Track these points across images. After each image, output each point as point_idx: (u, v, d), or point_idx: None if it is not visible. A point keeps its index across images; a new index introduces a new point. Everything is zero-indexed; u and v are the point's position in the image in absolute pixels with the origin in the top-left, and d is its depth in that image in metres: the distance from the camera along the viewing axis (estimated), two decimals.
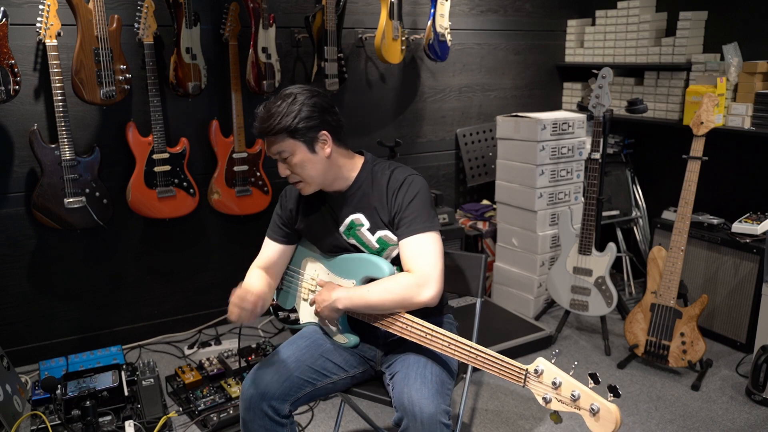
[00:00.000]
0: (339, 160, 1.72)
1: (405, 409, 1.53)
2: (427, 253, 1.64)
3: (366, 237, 1.74)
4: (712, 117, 2.57)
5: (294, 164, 1.67)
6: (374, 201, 1.72)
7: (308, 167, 1.67)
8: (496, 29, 3.76)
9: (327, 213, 1.79)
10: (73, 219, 2.68)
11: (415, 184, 1.70)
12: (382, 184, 1.73)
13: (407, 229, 1.66)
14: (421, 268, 1.62)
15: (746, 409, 2.53)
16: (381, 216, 1.72)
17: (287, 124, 1.61)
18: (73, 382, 2.44)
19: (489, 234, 3.59)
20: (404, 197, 1.68)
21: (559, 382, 1.37)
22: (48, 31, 2.49)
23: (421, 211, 1.67)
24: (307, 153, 1.66)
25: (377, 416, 2.46)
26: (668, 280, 2.69)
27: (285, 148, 1.65)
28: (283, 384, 1.66)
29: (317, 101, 1.66)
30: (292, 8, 3.14)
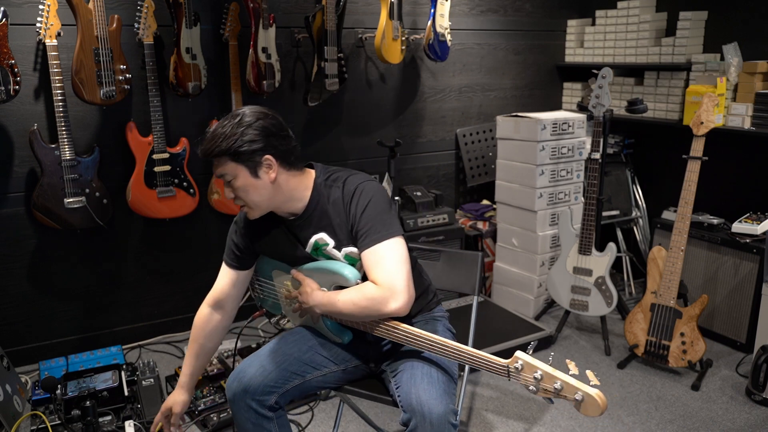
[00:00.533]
0: (288, 184, 1.64)
1: (413, 410, 1.52)
2: (388, 262, 1.57)
3: (334, 255, 1.69)
4: (712, 117, 2.57)
5: (237, 188, 1.61)
6: (333, 218, 1.66)
7: (251, 192, 1.61)
8: (496, 29, 3.76)
9: (289, 236, 1.73)
10: (73, 219, 2.68)
11: (366, 191, 1.63)
12: (336, 198, 1.66)
13: (364, 240, 1.61)
14: (383, 280, 1.56)
15: (746, 409, 2.53)
16: (343, 232, 1.66)
17: (228, 146, 1.55)
18: (73, 382, 2.44)
19: (489, 234, 3.59)
20: (356, 208, 1.62)
21: (540, 375, 1.37)
22: (48, 31, 2.49)
23: (376, 219, 1.60)
24: (250, 177, 1.59)
25: (377, 416, 2.46)
26: (668, 280, 2.69)
27: (227, 171, 1.59)
28: (267, 377, 1.67)
29: (263, 124, 1.58)
30: (292, 8, 3.14)
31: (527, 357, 1.40)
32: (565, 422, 2.45)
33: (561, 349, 3.03)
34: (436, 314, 1.88)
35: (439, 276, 2.07)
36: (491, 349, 2.85)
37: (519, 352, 1.41)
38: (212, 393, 2.51)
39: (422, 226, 3.31)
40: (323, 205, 1.67)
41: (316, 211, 1.68)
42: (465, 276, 2.01)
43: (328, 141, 3.38)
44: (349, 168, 1.77)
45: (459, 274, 2.02)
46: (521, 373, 1.40)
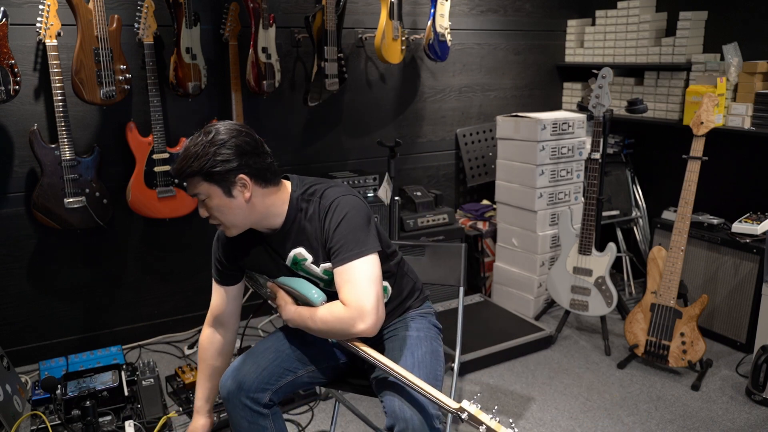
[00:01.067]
0: (264, 202, 1.60)
1: (397, 417, 1.53)
2: (358, 282, 1.53)
3: (312, 270, 1.68)
4: (712, 117, 2.57)
5: (211, 208, 1.57)
6: (311, 232, 1.63)
7: (226, 212, 1.57)
8: (496, 29, 3.76)
9: (270, 250, 1.71)
10: (73, 219, 2.68)
11: (341, 207, 1.59)
12: (313, 213, 1.63)
13: (336, 258, 1.57)
14: (352, 301, 1.52)
15: (746, 409, 2.53)
16: (320, 247, 1.63)
17: (200, 167, 1.50)
18: (73, 382, 2.43)
19: (489, 234, 3.59)
20: (330, 224, 1.58)
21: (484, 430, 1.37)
22: (48, 31, 2.49)
23: (349, 236, 1.56)
24: (224, 197, 1.54)
25: (377, 416, 2.46)
26: (668, 280, 2.69)
27: (200, 191, 1.55)
28: (260, 374, 1.67)
29: (237, 142, 1.54)
30: (292, 8, 3.14)
31: (473, 409, 1.40)
32: (565, 422, 2.45)
33: (561, 349, 3.04)
34: (423, 311, 1.88)
35: (425, 270, 2.09)
36: (491, 349, 2.86)
37: (465, 403, 1.40)
38: None
39: (422, 226, 3.32)
40: (300, 220, 1.64)
41: (294, 226, 1.65)
42: (450, 268, 2.04)
43: (328, 141, 3.38)
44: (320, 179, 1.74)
45: (444, 267, 2.05)
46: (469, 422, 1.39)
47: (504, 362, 2.90)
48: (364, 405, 2.50)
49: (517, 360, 2.93)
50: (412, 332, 1.76)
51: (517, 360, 2.93)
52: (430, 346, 1.73)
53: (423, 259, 2.10)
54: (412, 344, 1.71)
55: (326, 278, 1.67)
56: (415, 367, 1.63)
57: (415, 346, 1.71)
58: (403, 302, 1.82)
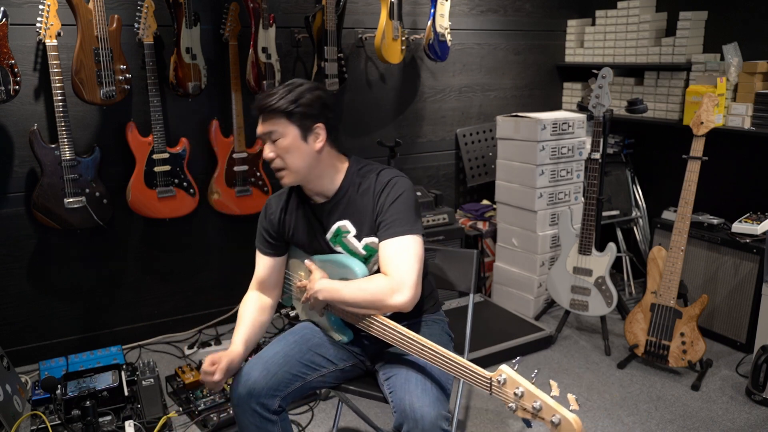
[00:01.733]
0: (329, 159, 1.69)
1: (406, 415, 1.53)
2: (405, 257, 1.59)
3: (352, 244, 1.72)
4: (712, 117, 2.57)
5: (282, 148, 1.62)
6: (361, 207, 1.69)
7: (295, 155, 1.62)
8: (496, 29, 3.76)
9: (313, 221, 1.76)
10: (73, 219, 2.68)
11: (399, 185, 1.66)
12: (368, 188, 1.69)
13: (387, 231, 1.63)
14: (395, 273, 1.57)
15: (746, 409, 2.53)
16: (367, 222, 1.68)
17: (286, 104, 1.59)
18: (73, 382, 2.43)
19: (489, 234, 3.59)
20: (386, 198, 1.65)
21: (521, 392, 1.33)
22: (48, 31, 2.49)
23: (403, 213, 1.63)
24: (299, 140, 1.62)
25: (377, 416, 2.46)
26: (668, 280, 2.69)
27: (278, 128, 1.61)
28: (270, 380, 1.66)
29: (320, 95, 1.64)
30: (292, 8, 3.14)
31: (511, 371, 1.37)
32: None
33: (561, 349, 3.04)
34: (436, 317, 1.89)
35: (436, 274, 2.08)
36: (491, 349, 2.85)
37: (504, 366, 1.39)
38: (212, 393, 2.51)
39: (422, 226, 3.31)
40: (352, 194, 1.70)
41: (344, 198, 1.71)
42: (461, 274, 2.02)
43: None
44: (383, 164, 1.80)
45: (455, 273, 2.03)
46: (503, 387, 1.36)
47: (504, 362, 2.89)
48: (364, 405, 2.50)
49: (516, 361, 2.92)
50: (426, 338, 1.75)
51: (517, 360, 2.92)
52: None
53: (432, 263, 2.09)
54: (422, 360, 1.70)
55: (365, 254, 1.71)
56: (427, 368, 1.64)
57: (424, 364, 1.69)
58: (420, 303, 1.80)
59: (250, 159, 3.05)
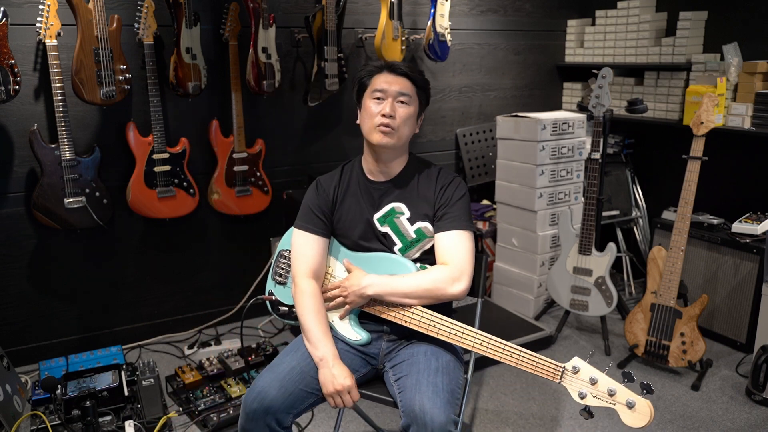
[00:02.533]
0: (408, 144, 1.82)
1: (415, 417, 1.52)
2: (464, 249, 1.71)
3: (403, 226, 1.77)
4: (712, 117, 2.57)
5: (401, 114, 1.73)
6: (419, 193, 1.78)
7: (408, 125, 1.75)
8: (496, 29, 3.76)
9: (366, 198, 1.81)
10: (73, 219, 2.68)
11: (463, 186, 1.80)
12: (430, 178, 1.80)
13: (450, 223, 1.73)
14: (457, 262, 1.68)
15: (746, 409, 2.53)
16: (424, 208, 1.77)
17: (423, 81, 1.78)
18: (73, 382, 2.44)
19: (489, 234, 3.59)
20: (453, 194, 1.76)
21: (596, 378, 1.48)
22: (48, 31, 2.49)
23: (465, 210, 1.76)
24: (415, 114, 1.77)
25: (377, 416, 2.46)
26: (668, 280, 2.69)
27: (410, 93, 1.74)
28: (287, 399, 1.63)
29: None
30: (292, 8, 3.14)
31: (584, 362, 1.52)
32: (566, 422, 2.45)
33: (561, 349, 3.04)
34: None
35: None
36: None
37: (577, 358, 1.53)
38: (212, 393, 2.52)
39: None
40: (413, 180, 1.81)
41: (405, 180, 1.80)
42: None
43: (328, 141, 3.37)
44: None
45: None
46: (577, 374, 1.50)
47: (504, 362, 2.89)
48: (365, 405, 2.50)
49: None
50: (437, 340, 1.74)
51: None
52: (453, 356, 1.75)
53: None
54: (437, 351, 1.72)
55: (414, 237, 1.77)
56: (438, 372, 1.64)
57: (439, 352, 1.72)
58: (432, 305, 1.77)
59: (250, 159, 3.05)
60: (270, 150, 3.12)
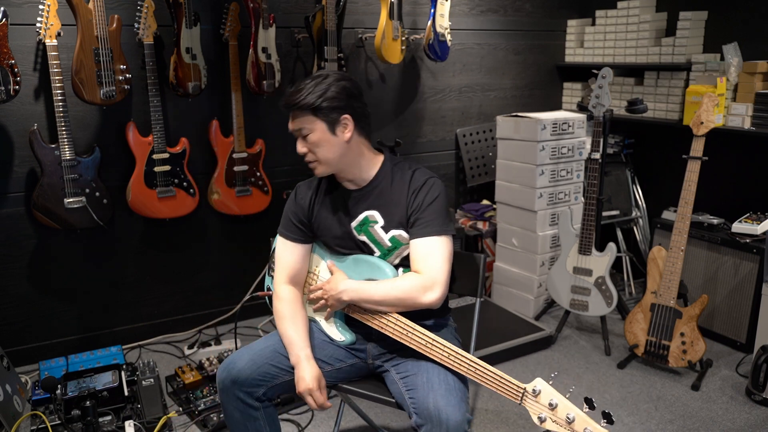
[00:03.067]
0: (358, 148, 1.73)
1: (429, 416, 1.51)
2: (437, 256, 1.65)
3: (378, 234, 1.74)
4: (712, 117, 2.57)
5: (312, 142, 1.68)
6: (393, 200, 1.73)
7: (325, 147, 1.68)
8: (496, 29, 3.76)
9: (341, 207, 1.79)
10: (73, 219, 2.68)
11: (436, 187, 1.72)
12: (402, 182, 1.74)
13: (422, 229, 1.68)
14: (429, 271, 1.63)
15: (746, 409, 2.53)
16: (397, 215, 1.72)
17: (312, 101, 1.64)
18: (73, 382, 2.43)
19: (489, 234, 3.59)
20: (425, 198, 1.70)
21: (555, 403, 1.41)
22: (48, 31, 2.49)
23: (439, 214, 1.69)
24: (327, 133, 1.67)
25: (377, 416, 2.46)
26: (668, 280, 2.69)
27: (306, 125, 1.66)
28: (255, 371, 1.68)
29: (346, 85, 1.68)
30: (292, 8, 3.14)
31: (546, 385, 1.45)
32: None
33: (561, 349, 3.04)
34: (445, 322, 1.89)
35: None
36: (491, 349, 2.85)
37: (539, 378, 1.47)
38: (212, 393, 2.52)
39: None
40: (385, 186, 1.75)
41: (376, 189, 1.75)
42: (467, 278, 2.02)
43: None
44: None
45: (461, 276, 2.02)
46: (537, 397, 1.44)
47: (504, 362, 2.90)
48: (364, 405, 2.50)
49: (517, 360, 2.93)
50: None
51: (517, 360, 2.93)
52: None
53: None
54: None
55: (390, 245, 1.73)
56: (443, 372, 1.64)
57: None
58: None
59: (250, 159, 3.05)
60: (270, 150, 3.12)
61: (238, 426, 1.72)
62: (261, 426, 1.72)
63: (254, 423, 1.71)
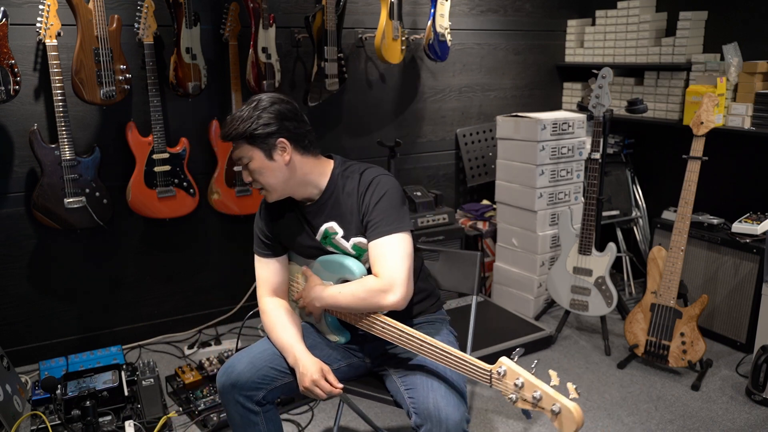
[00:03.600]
0: (303, 168, 1.69)
1: (429, 415, 1.52)
2: (393, 256, 1.61)
3: (342, 244, 1.73)
4: (712, 117, 2.57)
5: (253, 170, 1.67)
6: (346, 208, 1.71)
7: (267, 174, 1.66)
8: (496, 29, 3.76)
9: (303, 223, 1.78)
10: (73, 219, 2.68)
11: (383, 184, 1.68)
12: (352, 189, 1.70)
13: (373, 231, 1.65)
14: (385, 273, 1.59)
15: (746, 409, 2.53)
16: (354, 222, 1.70)
17: (244, 130, 1.61)
18: (73, 382, 2.44)
19: (489, 234, 3.59)
20: (371, 198, 1.66)
21: (521, 383, 1.36)
22: (48, 31, 2.49)
23: (389, 212, 1.65)
24: (265, 160, 1.64)
25: (377, 416, 2.46)
26: (668, 280, 2.69)
27: (243, 154, 1.65)
28: (255, 374, 1.69)
29: (279, 108, 1.64)
30: (292, 8, 3.14)
31: (511, 363, 1.39)
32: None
33: (561, 349, 3.04)
34: (438, 317, 1.89)
35: (438, 276, 2.08)
36: (491, 349, 2.85)
37: (504, 358, 1.41)
38: (212, 393, 2.52)
39: (422, 226, 3.31)
40: (338, 195, 1.72)
41: (330, 200, 1.73)
42: (464, 276, 2.02)
43: (328, 141, 3.37)
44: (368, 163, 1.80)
45: (458, 274, 2.03)
46: (503, 378, 1.39)
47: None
48: (364, 405, 2.50)
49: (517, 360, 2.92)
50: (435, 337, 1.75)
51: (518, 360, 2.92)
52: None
53: (437, 264, 2.09)
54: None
55: (354, 254, 1.72)
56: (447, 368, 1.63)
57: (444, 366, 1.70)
58: (417, 303, 1.82)
59: None
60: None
61: (239, 429, 1.74)
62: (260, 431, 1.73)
63: (254, 428, 1.72)
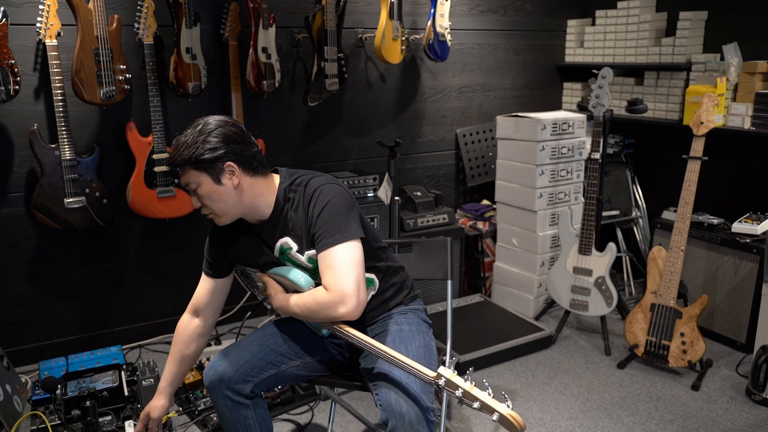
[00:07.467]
0: (253, 190, 1.65)
1: (392, 410, 1.54)
2: (340, 267, 1.57)
3: (298, 259, 1.71)
4: (712, 117, 2.57)
5: (201, 196, 1.63)
6: (296, 221, 1.68)
7: (215, 199, 1.63)
8: (496, 29, 3.76)
9: (259, 242, 1.76)
10: (73, 219, 2.68)
11: (324, 194, 1.64)
12: (299, 202, 1.68)
13: (319, 243, 1.61)
14: (333, 286, 1.56)
15: (746, 409, 2.53)
16: (305, 236, 1.68)
17: (190, 155, 1.57)
18: (73, 382, 2.44)
19: (489, 234, 3.59)
20: (313, 211, 1.63)
21: (461, 394, 1.40)
22: (48, 31, 2.49)
23: (331, 222, 1.60)
24: (213, 185, 1.61)
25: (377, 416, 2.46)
26: (668, 280, 2.69)
27: (191, 180, 1.62)
28: (241, 366, 1.71)
29: (225, 131, 1.60)
30: (292, 8, 3.14)
31: (449, 374, 1.42)
32: (565, 422, 2.45)
33: (561, 349, 3.04)
34: (412, 306, 1.89)
35: (413, 266, 2.11)
36: (491, 349, 2.86)
37: (442, 368, 1.44)
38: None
39: (422, 226, 3.32)
40: (287, 210, 1.70)
41: (281, 216, 1.70)
42: (438, 263, 2.08)
43: (328, 141, 3.37)
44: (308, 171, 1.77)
45: (432, 262, 2.08)
46: (446, 387, 1.42)
47: (504, 362, 2.90)
48: (364, 405, 2.50)
49: (517, 360, 2.93)
50: (404, 326, 1.78)
51: (517, 360, 2.93)
52: (422, 339, 1.75)
53: (411, 255, 2.14)
54: (405, 338, 1.73)
55: (311, 266, 1.71)
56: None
57: (408, 339, 1.72)
58: (390, 298, 1.83)
59: None
60: (270, 150, 3.12)
61: (228, 424, 1.76)
62: (250, 425, 1.76)
63: (243, 421, 1.75)
